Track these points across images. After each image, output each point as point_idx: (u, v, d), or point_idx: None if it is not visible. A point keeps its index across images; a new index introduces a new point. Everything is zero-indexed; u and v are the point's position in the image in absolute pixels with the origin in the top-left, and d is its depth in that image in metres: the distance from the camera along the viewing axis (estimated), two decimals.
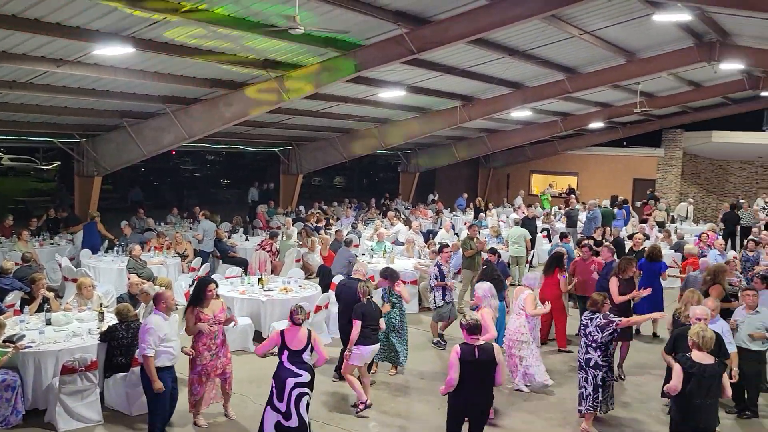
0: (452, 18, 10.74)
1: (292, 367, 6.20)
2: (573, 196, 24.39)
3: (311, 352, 6.39)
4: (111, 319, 7.71)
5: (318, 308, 9.79)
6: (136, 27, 9.43)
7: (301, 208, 21.48)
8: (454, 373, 5.53)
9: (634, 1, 10.58)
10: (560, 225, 19.37)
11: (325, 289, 10.75)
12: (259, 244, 13.72)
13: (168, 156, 32.23)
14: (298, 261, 13.84)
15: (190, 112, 13.91)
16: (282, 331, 6.35)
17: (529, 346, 8.14)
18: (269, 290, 10.06)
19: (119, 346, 7.22)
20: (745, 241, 13.26)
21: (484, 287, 7.55)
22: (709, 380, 5.45)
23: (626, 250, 12.81)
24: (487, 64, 14.15)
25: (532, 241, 15.74)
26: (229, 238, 15.28)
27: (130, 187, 26.56)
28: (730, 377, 6.79)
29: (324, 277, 11.77)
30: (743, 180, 26.85)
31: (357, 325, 7.23)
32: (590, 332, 6.97)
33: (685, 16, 10.99)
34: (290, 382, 6.15)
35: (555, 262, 10.02)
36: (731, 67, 15.22)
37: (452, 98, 17.59)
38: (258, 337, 9.61)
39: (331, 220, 18.90)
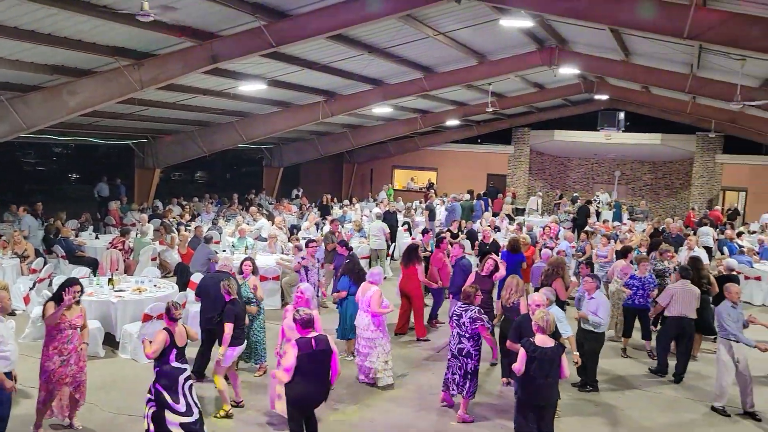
0: (312, 12, 10.82)
1: (179, 364, 6.16)
2: (432, 190, 25.38)
3: None
4: None
5: None
6: None
7: (158, 204, 20.50)
8: (290, 365, 5.65)
9: (482, 6, 11.20)
10: (420, 218, 20.12)
11: (182, 288, 10.41)
12: (110, 243, 13.00)
13: (6, 147, 29.29)
14: (154, 259, 13.29)
15: (28, 101, 12.76)
16: (167, 330, 6.15)
17: (380, 342, 8.11)
18: (120, 291, 9.58)
19: None
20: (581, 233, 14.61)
21: (312, 289, 7.48)
22: (548, 362, 5.99)
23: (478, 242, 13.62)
24: (347, 60, 14.36)
25: (393, 234, 16.20)
26: (77, 236, 14.32)
27: None
28: (575, 362, 7.55)
29: (182, 275, 11.39)
30: (581, 175, 29.43)
31: (229, 328, 6.96)
32: (464, 323, 7.23)
33: (527, 23, 11.89)
34: (181, 379, 6.12)
35: (412, 254, 10.32)
36: (569, 71, 16.66)
37: (314, 93, 17.65)
38: (109, 341, 9.10)
39: (194, 216, 18.25)
